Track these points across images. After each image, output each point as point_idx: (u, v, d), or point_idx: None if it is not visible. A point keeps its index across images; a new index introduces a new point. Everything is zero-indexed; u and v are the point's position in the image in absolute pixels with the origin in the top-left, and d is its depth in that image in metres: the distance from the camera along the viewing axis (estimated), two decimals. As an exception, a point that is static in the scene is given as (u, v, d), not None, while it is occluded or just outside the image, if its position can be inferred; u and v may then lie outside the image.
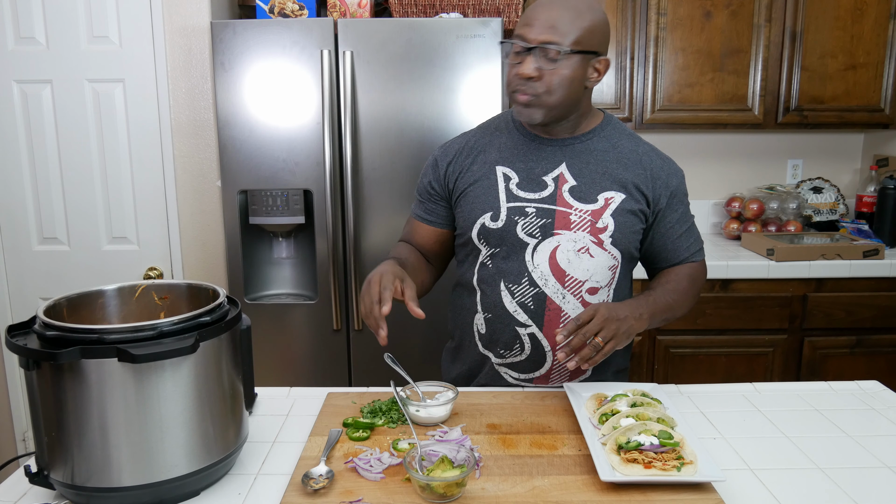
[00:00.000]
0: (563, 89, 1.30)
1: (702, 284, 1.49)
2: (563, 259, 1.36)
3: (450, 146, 1.50)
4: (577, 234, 1.35)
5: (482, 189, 1.40)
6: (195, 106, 2.43)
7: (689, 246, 1.46)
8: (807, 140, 3.08)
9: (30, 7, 2.35)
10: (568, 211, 1.36)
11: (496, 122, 1.50)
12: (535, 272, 1.36)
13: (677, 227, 1.44)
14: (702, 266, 1.50)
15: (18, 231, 2.49)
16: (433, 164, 1.49)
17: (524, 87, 1.30)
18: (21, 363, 0.94)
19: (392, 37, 2.21)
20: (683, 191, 1.45)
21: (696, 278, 1.47)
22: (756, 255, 2.60)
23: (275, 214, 2.31)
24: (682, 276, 1.45)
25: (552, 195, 1.37)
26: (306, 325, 2.37)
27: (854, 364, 2.57)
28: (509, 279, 1.38)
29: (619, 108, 2.72)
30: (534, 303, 1.37)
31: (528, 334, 1.39)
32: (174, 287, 1.19)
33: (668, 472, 1.00)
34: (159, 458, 0.96)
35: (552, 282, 1.36)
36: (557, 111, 1.33)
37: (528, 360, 1.41)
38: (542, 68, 1.28)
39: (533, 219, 1.36)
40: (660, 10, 2.65)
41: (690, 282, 1.45)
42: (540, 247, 1.36)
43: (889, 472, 1.09)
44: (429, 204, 1.50)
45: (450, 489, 0.97)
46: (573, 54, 1.28)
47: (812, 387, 1.42)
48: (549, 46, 1.27)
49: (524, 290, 1.37)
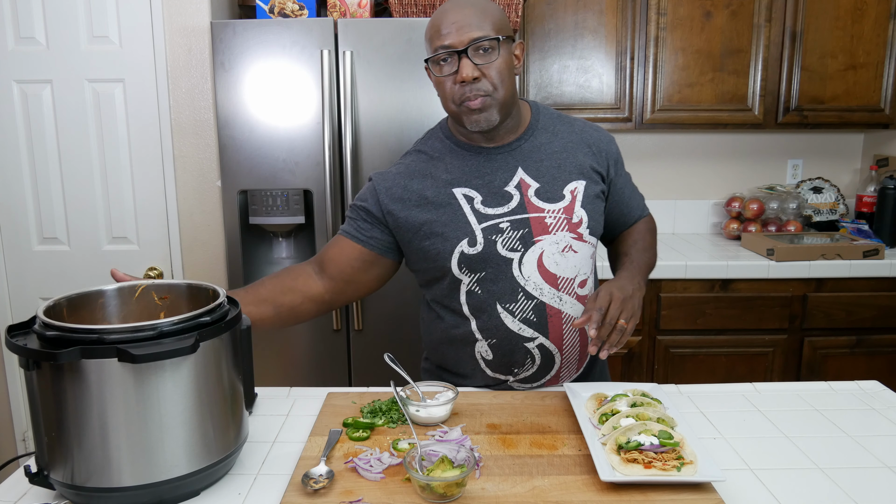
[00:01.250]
0: (505, 80, 1.29)
1: (656, 231, 1.58)
2: (550, 263, 1.33)
3: (387, 173, 1.41)
4: (557, 235, 1.33)
5: (448, 217, 1.33)
6: (195, 106, 2.43)
7: (639, 203, 1.54)
8: (807, 140, 3.08)
9: (30, 7, 2.35)
10: (541, 215, 1.33)
11: (430, 146, 1.42)
12: (529, 284, 1.33)
13: (626, 189, 1.50)
14: (651, 218, 1.58)
15: (18, 231, 2.49)
16: (371, 190, 1.40)
17: (471, 92, 1.27)
18: (21, 363, 0.94)
19: (392, 37, 2.21)
20: (618, 151, 1.48)
21: (652, 230, 1.56)
22: (756, 255, 2.60)
23: (275, 214, 2.31)
24: (643, 232, 1.52)
25: (521, 204, 1.34)
26: (306, 325, 2.36)
27: (854, 364, 2.57)
28: (504, 300, 1.33)
29: (619, 108, 2.72)
30: (535, 315, 1.34)
31: (536, 346, 1.35)
32: (174, 287, 1.19)
33: (668, 472, 1.00)
34: (159, 458, 0.96)
35: (547, 289, 1.33)
36: (508, 106, 1.32)
37: (539, 369, 1.38)
38: (480, 66, 1.26)
39: (509, 233, 1.33)
40: (660, 10, 2.65)
41: (651, 234, 1.54)
42: (525, 258, 1.33)
43: (889, 472, 1.09)
44: (362, 223, 1.40)
45: (450, 489, 0.97)
46: (499, 42, 1.27)
47: (812, 387, 1.42)
48: (479, 41, 1.25)
49: (522, 305, 1.33)
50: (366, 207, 1.40)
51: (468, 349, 1.39)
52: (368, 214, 1.40)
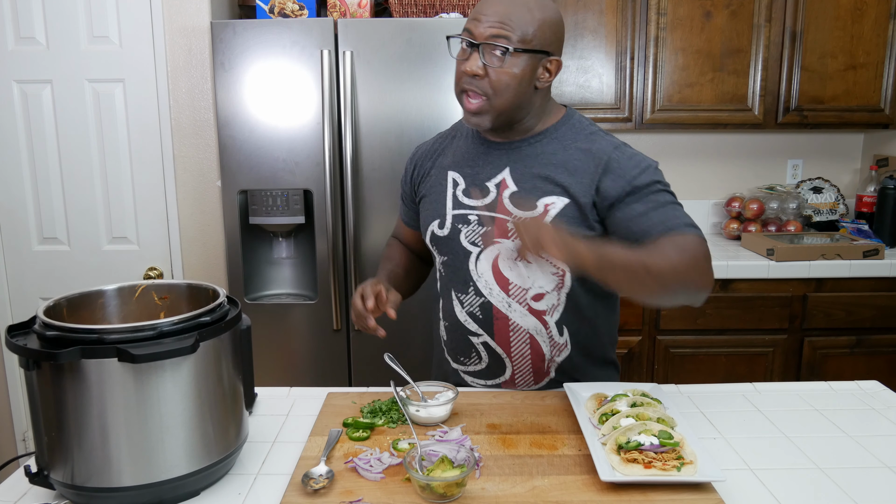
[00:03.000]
0: (510, 91, 1.23)
1: (697, 255, 1.19)
2: (504, 267, 1.32)
3: (420, 148, 1.51)
4: (515, 242, 1.28)
5: (435, 195, 1.40)
6: (195, 106, 2.43)
7: (665, 220, 1.23)
8: (807, 140, 3.08)
9: (30, 7, 2.35)
10: (507, 218, 1.30)
11: (460, 123, 1.45)
12: (480, 281, 1.33)
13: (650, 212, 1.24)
14: (693, 239, 1.21)
15: (18, 231, 2.49)
16: (406, 166, 1.52)
17: (471, 86, 1.24)
18: (21, 363, 0.94)
19: (392, 37, 2.21)
20: (646, 181, 1.25)
21: (683, 248, 1.18)
22: (756, 255, 2.60)
23: (275, 214, 2.31)
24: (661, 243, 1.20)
25: (493, 202, 1.32)
26: (306, 325, 2.37)
27: (854, 364, 2.57)
28: (458, 288, 1.36)
29: (618, 108, 2.72)
30: (481, 312, 1.35)
31: (481, 343, 1.37)
32: (174, 287, 1.19)
33: (668, 472, 1.00)
34: (159, 458, 0.96)
35: (496, 290, 1.33)
36: (506, 115, 1.27)
37: (488, 368, 1.39)
38: (489, 66, 1.22)
39: (475, 227, 1.33)
40: (660, 10, 2.65)
41: (676, 248, 1.18)
42: (482, 255, 1.33)
43: (889, 472, 1.09)
44: (404, 207, 1.53)
45: (450, 489, 0.97)
46: (521, 53, 1.21)
47: (812, 387, 1.42)
48: (495, 43, 1.20)
49: (471, 299, 1.35)
50: (402, 185, 1.53)
51: (437, 325, 1.47)
52: (404, 192, 1.52)
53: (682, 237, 1.21)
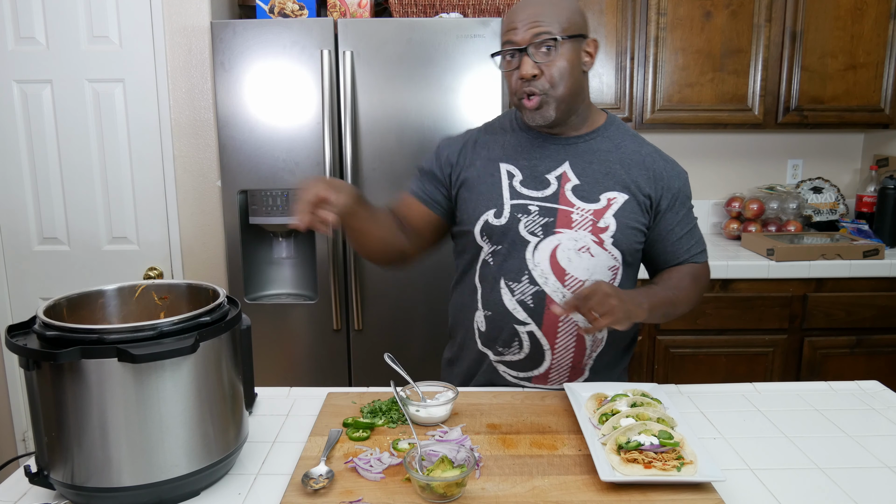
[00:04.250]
0: (566, 78, 1.31)
1: (705, 285, 1.48)
2: (563, 258, 1.36)
3: (455, 138, 1.51)
4: (578, 232, 1.35)
5: (486, 186, 1.41)
6: (195, 106, 2.43)
7: (691, 248, 1.45)
8: (807, 140, 3.08)
9: (30, 7, 2.35)
10: (570, 209, 1.36)
11: (500, 121, 1.50)
12: (536, 270, 1.36)
13: (678, 229, 1.43)
14: (704, 268, 1.49)
15: (18, 231, 2.49)
16: (437, 152, 1.50)
17: (530, 88, 1.32)
18: (21, 363, 0.94)
19: (392, 37, 2.21)
20: (687, 193, 1.45)
21: (697, 278, 1.45)
22: (756, 255, 2.60)
23: (275, 214, 2.31)
24: (683, 275, 1.44)
25: (555, 193, 1.37)
26: (306, 325, 2.37)
27: (854, 364, 2.57)
28: (510, 276, 1.38)
29: (619, 108, 2.72)
30: (533, 301, 1.37)
31: (527, 332, 1.38)
32: (174, 287, 1.19)
33: (668, 472, 1.00)
34: (159, 458, 0.96)
35: (552, 280, 1.36)
36: (567, 103, 1.34)
37: (527, 358, 1.41)
38: (541, 63, 1.30)
39: (535, 217, 1.37)
40: (660, 10, 2.65)
41: (692, 280, 1.44)
42: (541, 245, 1.36)
43: (889, 472, 1.09)
44: (427, 185, 1.49)
45: (450, 489, 0.97)
46: (565, 41, 1.30)
47: (812, 387, 1.42)
48: (541, 40, 1.29)
49: (524, 287, 1.37)
50: (430, 167, 1.49)
51: (470, 316, 1.46)
52: (432, 173, 1.49)
53: (699, 267, 1.46)
